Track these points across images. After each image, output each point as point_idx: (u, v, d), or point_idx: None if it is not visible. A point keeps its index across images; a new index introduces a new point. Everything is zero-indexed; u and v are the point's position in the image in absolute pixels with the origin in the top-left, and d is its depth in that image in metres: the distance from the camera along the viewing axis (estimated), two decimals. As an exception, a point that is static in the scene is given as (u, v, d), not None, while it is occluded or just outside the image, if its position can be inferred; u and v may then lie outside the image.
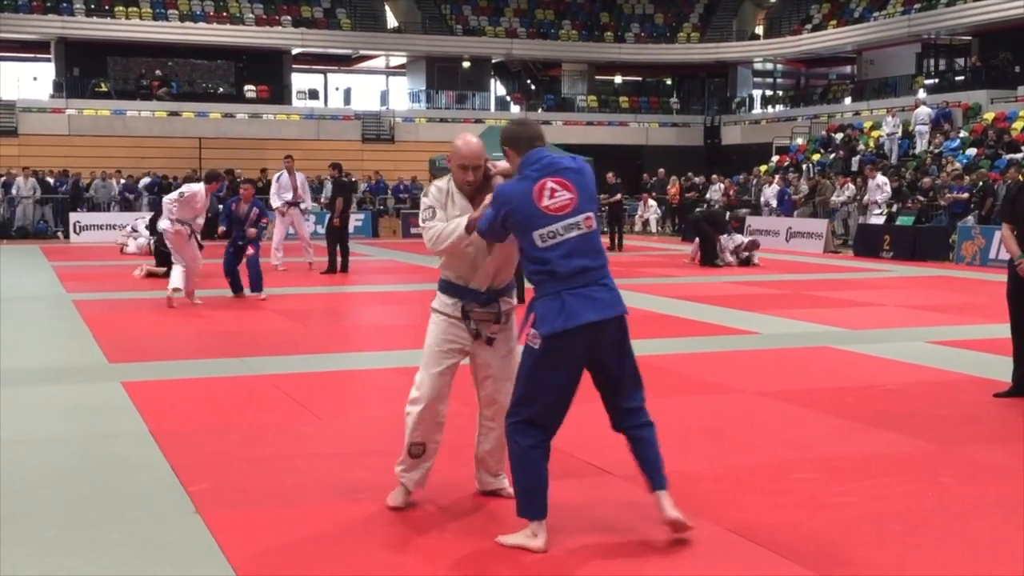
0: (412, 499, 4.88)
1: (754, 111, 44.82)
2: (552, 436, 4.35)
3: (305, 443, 6.18)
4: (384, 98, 43.14)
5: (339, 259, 17.11)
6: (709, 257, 19.05)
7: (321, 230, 20.86)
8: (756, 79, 47.52)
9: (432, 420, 4.77)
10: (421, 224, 4.77)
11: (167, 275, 15.90)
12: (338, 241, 17.23)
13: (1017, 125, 27.36)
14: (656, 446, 4.44)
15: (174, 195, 12.55)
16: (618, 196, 24.33)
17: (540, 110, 43.62)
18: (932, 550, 4.33)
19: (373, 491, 5.12)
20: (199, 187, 12.61)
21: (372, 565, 4.16)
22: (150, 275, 15.90)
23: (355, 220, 28.44)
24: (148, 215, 23.49)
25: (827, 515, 4.74)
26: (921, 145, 28.20)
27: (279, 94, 40.20)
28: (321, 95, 43.08)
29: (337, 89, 43.69)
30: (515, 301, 4.87)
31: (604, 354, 4.32)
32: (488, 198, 4.48)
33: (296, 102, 40.91)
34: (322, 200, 23.01)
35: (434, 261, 14.90)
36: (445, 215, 4.63)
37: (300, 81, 42.63)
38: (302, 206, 17.92)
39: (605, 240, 22.45)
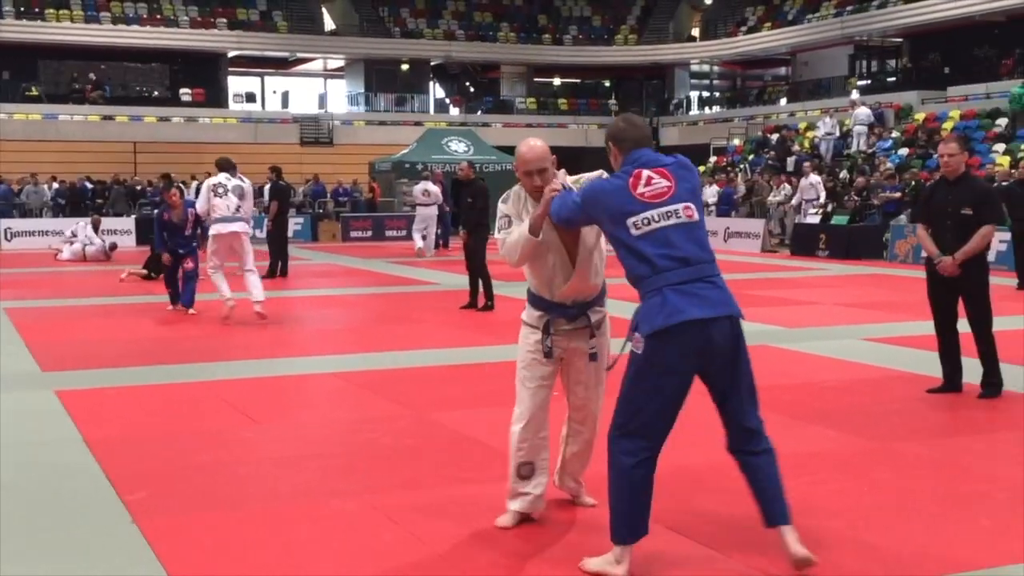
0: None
1: (692, 112, 45.24)
2: (657, 450, 3.95)
3: (244, 449, 6.11)
4: (322, 101, 42.90)
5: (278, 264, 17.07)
6: None
7: (260, 234, 20.64)
8: (693, 81, 47.97)
9: (536, 436, 4.52)
10: (496, 235, 4.50)
11: (149, 278, 15.73)
12: (277, 245, 17.18)
13: (947, 125, 27.89)
14: (776, 475, 4.00)
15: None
16: None
17: (479, 112, 43.67)
18: (868, 546, 4.38)
19: (314, 497, 5.08)
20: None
21: (313, 570, 4.12)
22: (134, 277, 16.23)
23: (294, 224, 28.25)
24: (86, 220, 23.15)
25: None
26: (858, 145, 28.65)
27: (215, 97, 39.78)
28: (258, 98, 42.70)
29: (275, 92, 43.38)
30: (606, 309, 4.59)
31: (714, 360, 3.91)
32: (549, 188, 4.25)
33: (233, 105, 40.50)
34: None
35: (372, 264, 14.73)
36: (519, 223, 4.38)
37: (237, 84, 42.22)
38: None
39: None
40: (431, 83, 45.57)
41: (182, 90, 39.00)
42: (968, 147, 7.86)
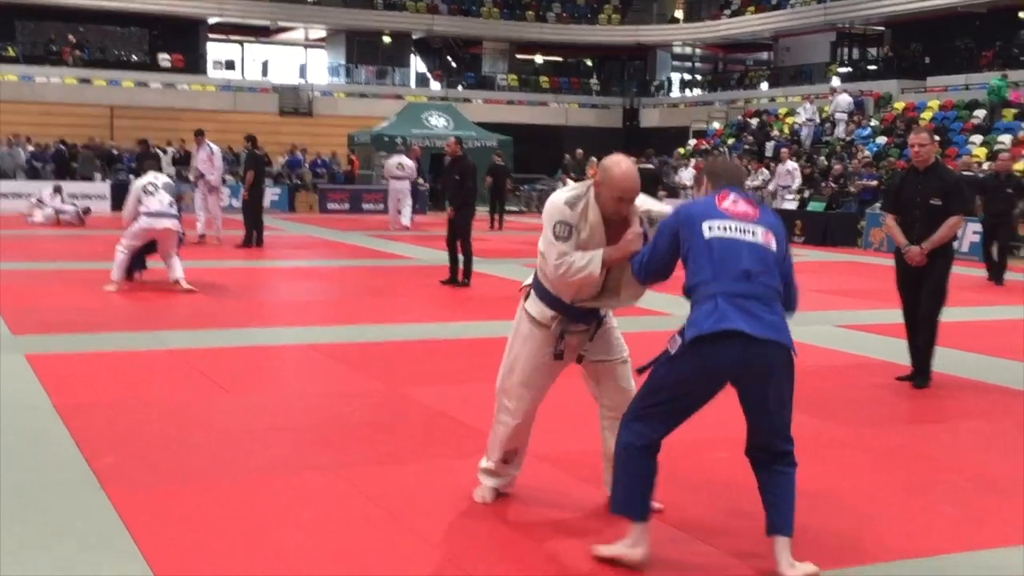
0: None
1: (672, 94, 45.23)
2: (660, 439, 3.87)
3: (216, 419, 6.10)
4: (303, 71, 42.56)
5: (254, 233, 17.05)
6: None
7: (236, 204, 20.58)
8: (675, 63, 47.92)
9: (527, 431, 4.59)
10: (550, 238, 4.21)
11: None
12: (252, 215, 17.14)
13: (926, 115, 28.03)
14: (791, 491, 3.90)
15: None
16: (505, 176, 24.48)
17: (460, 87, 43.47)
18: (833, 531, 4.43)
19: (286, 469, 5.08)
20: None
21: (283, 543, 4.12)
22: None
23: (271, 194, 28.09)
24: (52, 184, 22.94)
25: (741, 495, 4.82)
26: (839, 132, 28.76)
27: (194, 64, 39.38)
28: (238, 66, 42.33)
29: (254, 61, 42.99)
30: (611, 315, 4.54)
31: (748, 380, 3.77)
32: (631, 233, 4.10)
33: (212, 73, 40.13)
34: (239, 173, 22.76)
35: (349, 237, 14.65)
36: (576, 233, 4.16)
37: (216, 51, 41.82)
38: (210, 180, 17.73)
39: (485, 220, 22.82)
40: (412, 57, 45.32)
41: (161, 55, 38.57)
42: (943, 137, 7.91)
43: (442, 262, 13.52)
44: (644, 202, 4.26)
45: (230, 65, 41.64)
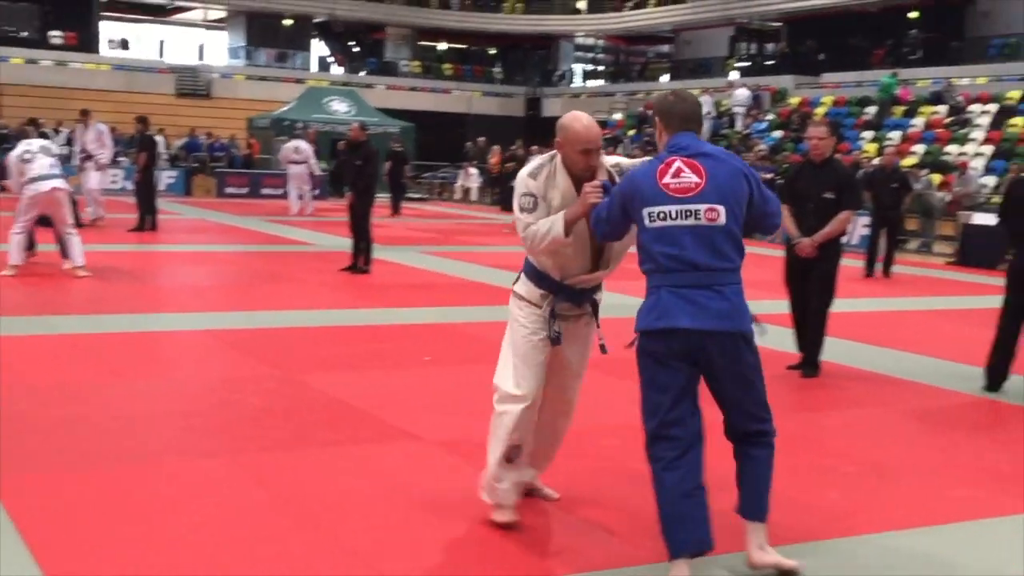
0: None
1: (575, 85, 45.54)
2: (685, 449, 3.66)
3: (108, 405, 5.96)
4: (201, 52, 41.72)
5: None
6: None
7: (130, 186, 20.11)
8: (578, 53, 48.25)
9: (531, 419, 4.17)
10: (516, 214, 4.09)
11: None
12: (145, 198, 16.78)
13: (820, 111, 28.72)
14: (766, 473, 3.81)
15: None
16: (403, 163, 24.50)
17: (362, 73, 43.11)
18: (716, 515, 4.52)
19: (179, 456, 4.99)
20: None
21: (174, 531, 4.05)
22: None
23: (167, 177, 27.51)
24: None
25: (630, 481, 4.89)
26: (737, 126, 29.29)
27: (87, 42, 38.29)
28: (133, 46, 41.29)
29: (150, 41, 41.99)
30: (603, 294, 4.35)
31: (709, 369, 3.69)
32: (590, 186, 3.93)
33: (106, 51, 39.08)
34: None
35: (247, 222, 14.42)
36: (545, 204, 4.05)
37: (110, 30, 40.75)
38: (100, 159, 17.27)
39: (387, 206, 22.77)
40: (314, 40, 44.76)
41: (52, 32, 37.38)
42: (836, 132, 8.06)
43: (342, 248, 13.40)
44: (611, 159, 4.20)
45: (125, 44, 40.61)
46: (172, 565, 3.71)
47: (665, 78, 41.80)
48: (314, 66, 43.24)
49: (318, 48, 45.24)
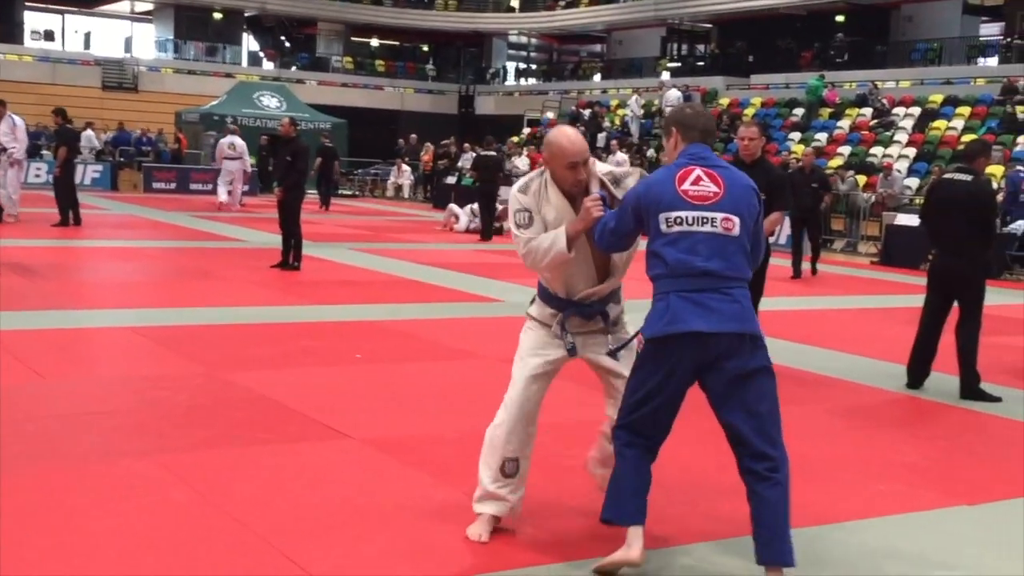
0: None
1: (508, 83, 45.61)
2: (653, 445, 3.81)
3: (28, 404, 5.82)
4: (128, 45, 41.03)
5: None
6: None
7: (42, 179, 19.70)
8: (511, 51, 48.34)
9: (527, 428, 4.09)
10: (514, 231, 4.05)
11: None
12: (65, 192, 16.45)
13: (749, 112, 29.09)
14: (777, 508, 3.63)
15: None
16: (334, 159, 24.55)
17: (293, 68, 42.74)
18: (668, 510, 4.56)
19: (102, 456, 4.90)
20: None
21: (98, 534, 3.98)
22: None
23: (93, 172, 27.03)
24: None
25: (562, 476, 4.91)
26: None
27: (10, 32, 37.47)
28: (58, 37, 40.47)
29: (76, 32, 41.19)
30: (622, 305, 4.27)
31: (716, 375, 3.66)
32: (590, 200, 3.90)
33: (29, 42, 38.25)
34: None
35: (175, 217, 14.20)
36: (540, 219, 4.01)
37: (34, 20, 39.87)
38: (14, 154, 16.84)
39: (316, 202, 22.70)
40: (245, 35, 44.26)
41: (-27, 22, 36.59)
42: (766, 133, 8.13)
43: (272, 245, 13.28)
44: (604, 167, 4.16)
45: (49, 35, 39.80)
46: (96, 567, 3.64)
47: (597, 77, 42.04)
48: (244, 60, 42.79)
49: (248, 42, 44.74)
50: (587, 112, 32.86)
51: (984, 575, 4.06)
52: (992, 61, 30.38)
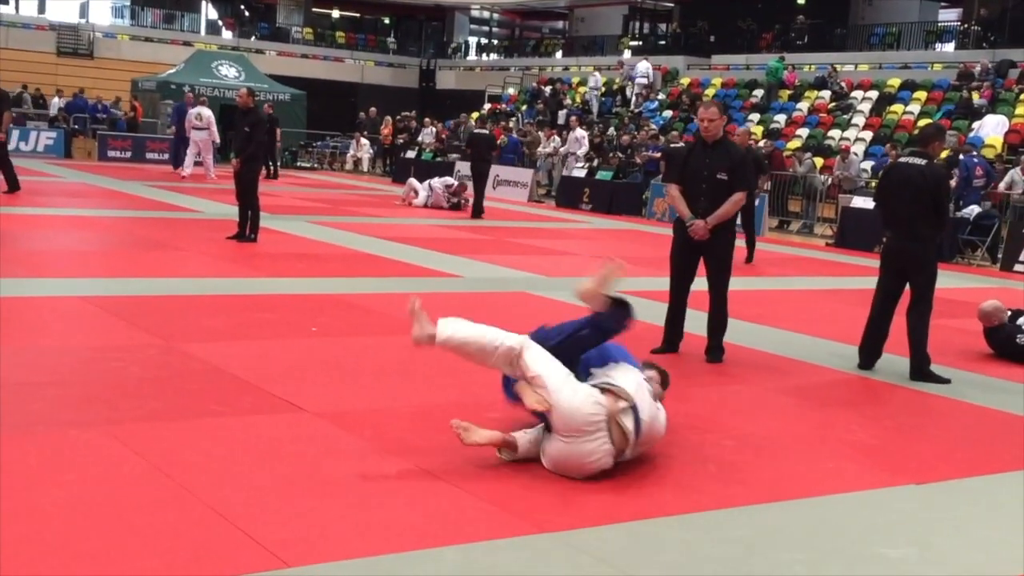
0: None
1: (469, 58, 45.39)
2: None
3: (-25, 373, 5.74)
4: (84, 10, 40.33)
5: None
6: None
7: None
8: (473, 26, 48.10)
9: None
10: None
11: None
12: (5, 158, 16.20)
13: (709, 92, 29.17)
14: None
15: None
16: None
17: (253, 38, 42.26)
18: (601, 490, 4.59)
19: (49, 426, 4.84)
20: None
21: (43, 505, 3.93)
22: None
23: (46, 139, 26.66)
24: None
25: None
26: (636, 102, 29.66)
27: (-39, -6, 36.73)
28: (11, 0, 39.68)
29: (30, -5, 40.44)
30: None
31: None
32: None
33: (-19, 6, 37.51)
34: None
35: (130, 187, 13.96)
36: None
37: (-13, -17, 39.09)
38: None
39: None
40: (204, 3, 43.68)
41: (-77, -17, 35.81)
42: (726, 113, 8.07)
43: (229, 216, 13.15)
44: None
45: (2, -1, 39.03)
46: (43, 536, 3.60)
47: (559, 54, 41.95)
48: (203, 29, 42.26)
49: (207, 11, 44.15)
50: (548, 89, 32.81)
51: (930, 552, 4.12)
52: (949, 47, 30.68)
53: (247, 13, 44.94)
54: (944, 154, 19.15)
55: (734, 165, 7.36)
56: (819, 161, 22.07)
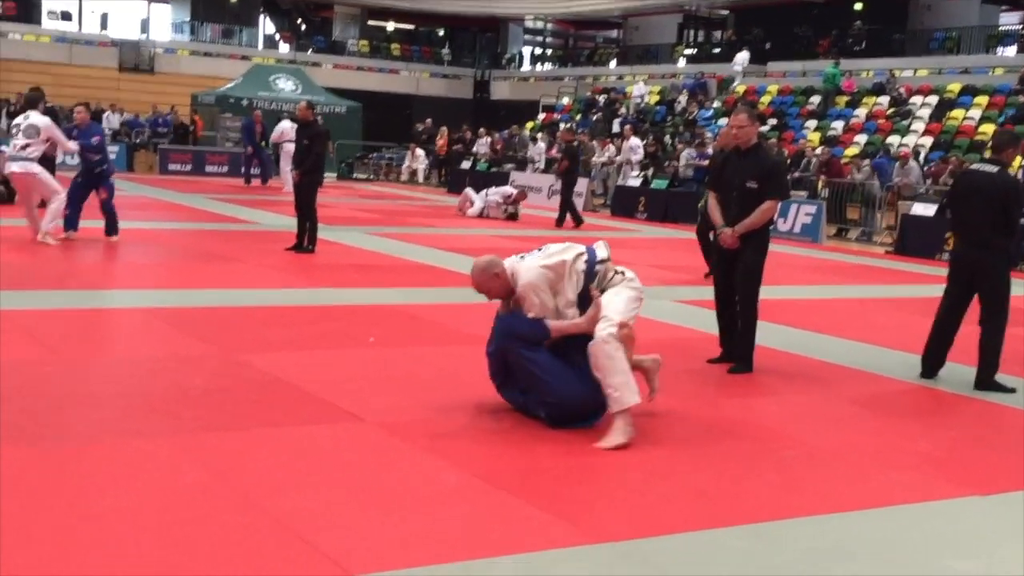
0: None
1: (523, 68, 45.52)
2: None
3: (42, 383, 5.84)
4: (145, 26, 41.07)
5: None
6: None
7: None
8: (527, 36, 48.22)
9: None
10: None
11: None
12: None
13: (765, 99, 28.97)
14: None
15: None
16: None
17: (310, 51, 42.73)
18: (675, 498, 4.56)
19: (115, 436, 4.92)
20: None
21: (110, 514, 4.00)
22: None
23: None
24: None
25: (586, 461, 4.92)
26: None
27: (27, 12, 37.56)
28: (75, 17, 40.52)
29: (93, 12, 41.24)
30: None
31: None
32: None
33: (46, 23, 38.32)
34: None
35: (191, 199, 14.23)
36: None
37: (51, 1, 39.94)
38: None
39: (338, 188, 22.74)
40: (261, 17, 44.26)
41: (-9, 2, 36.66)
42: (756, 118, 7.76)
43: (287, 228, 13.29)
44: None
45: (66, 16, 39.85)
46: (108, 546, 3.66)
47: (613, 63, 41.91)
48: (260, 43, 42.80)
49: (265, 25, 44.73)
50: (602, 98, 32.78)
51: (997, 565, 4.05)
52: (1011, 51, 30.18)
53: (304, 27, 45.47)
54: (1017, 163, 18.88)
55: (765, 173, 7.16)
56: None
